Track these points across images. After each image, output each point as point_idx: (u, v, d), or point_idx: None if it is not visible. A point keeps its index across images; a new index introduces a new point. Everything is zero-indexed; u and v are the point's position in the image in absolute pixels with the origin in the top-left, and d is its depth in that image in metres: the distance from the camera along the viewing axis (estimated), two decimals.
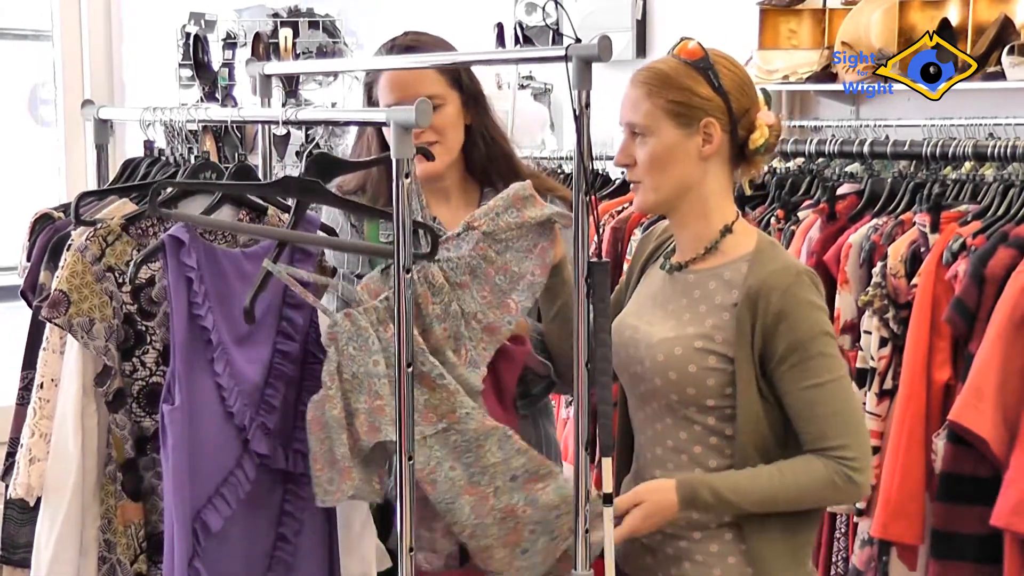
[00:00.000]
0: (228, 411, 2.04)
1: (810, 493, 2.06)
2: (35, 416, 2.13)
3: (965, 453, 2.75)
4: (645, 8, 4.55)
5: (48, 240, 2.27)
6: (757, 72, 3.89)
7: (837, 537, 3.15)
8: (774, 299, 2.04)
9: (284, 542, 2.15)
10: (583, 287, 1.90)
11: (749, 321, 2.06)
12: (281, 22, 4.82)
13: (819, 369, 2.05)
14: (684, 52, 2.12)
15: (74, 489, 2.07)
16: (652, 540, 2.16)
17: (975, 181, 3.06)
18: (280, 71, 3.50)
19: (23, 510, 2.25)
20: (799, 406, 2.06)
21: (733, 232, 2.15)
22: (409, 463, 1.89)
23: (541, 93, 4.79)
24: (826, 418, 2.05)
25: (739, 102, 2.11)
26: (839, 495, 2.07)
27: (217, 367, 2.03)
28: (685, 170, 2.11)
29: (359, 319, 1.97)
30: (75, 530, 2.08)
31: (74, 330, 2.04)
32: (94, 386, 2.08)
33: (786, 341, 2.04)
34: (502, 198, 2.13)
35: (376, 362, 1.97)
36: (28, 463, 2.11)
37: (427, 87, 2.40)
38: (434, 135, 2.41)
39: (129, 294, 2.08)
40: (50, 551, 2.08)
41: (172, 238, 2.01)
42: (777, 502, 2.06)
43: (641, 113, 2.10)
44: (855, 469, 2.04)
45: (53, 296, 2.03)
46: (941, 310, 2.84)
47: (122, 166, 2.51)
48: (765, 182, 3.50)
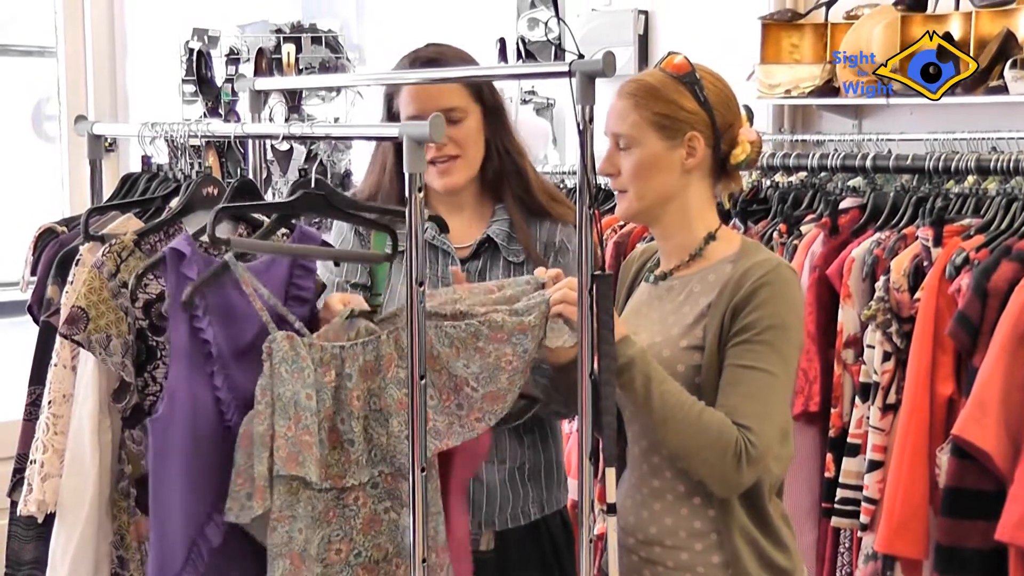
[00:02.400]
0: (227, 425, 2.04)
1: (708, 436, 2.00)
2: (47, 432, 2.12)
3: (969, 467, 2.74)
4: (647, 23, 4.55)
5: (54, 254, 2.27)
6: (759, 86, 3.90)
7: (841, 552, 3.15)
8: (750, 282, 2.06)
9: None
10: (587, 299, 1.91)
11: (725, 303, 2.07)
12: (284, 38, 4.83)
13: (759, 355, 2.04)
14: (671, 66, 2.15)
15: (91, 505, 2.07)
16: (651, 552, 2.15)
17: (978, 195, 3.06)
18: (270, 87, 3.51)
19: (28, 527, 2.24)
20: (726, 379, 2.05)
21: (717, 239, 2.17)
22: (422, 474, 1.88)
23: (544, 108, 4.80)
24: (744, 397, 2.03)
25: (723, 117, 2.14)
26: (724, 463, 2.00)
27: (216, 380, 2.02)
28: (668, 181, 2.13)
29: (299, 346, 1.95)
30: (91, 547, 2.08)
31: (92, 347, 2.03)
32: (111, 402, 2.08)
33: (746, 320, 2.05)
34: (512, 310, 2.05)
35: (309, 396, 1.94)
36: (42, 480, 2.10)
37: (450, 100, 2.39)
38: (455, 148, 2.40)
39: (141, 309, 2.08)
40: (66, 568, 2.08)
41: (173, 251, 2.01)
42: (678, 421, 2.00)
43: (627, 124, 2.12)
44: (750, 455, 2.00)
45: (71, 313, 2.03)
46: (944, 324, 2.84)
47: (120, 181, 2.52)
48: (768, 196, 3.51)
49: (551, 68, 2.10)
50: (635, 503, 2.18)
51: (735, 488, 2.05)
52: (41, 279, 2.30)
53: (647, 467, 2.17)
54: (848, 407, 3.08)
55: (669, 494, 2.14)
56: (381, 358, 2.00)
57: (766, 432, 2.03)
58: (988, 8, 3.45)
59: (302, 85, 4.55)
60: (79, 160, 4.60)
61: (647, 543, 2.16)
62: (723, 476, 2.02)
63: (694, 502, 2.12)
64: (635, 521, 2.18)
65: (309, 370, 1.95)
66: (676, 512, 2.13)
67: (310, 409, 1.94)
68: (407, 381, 1.92)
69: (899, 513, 2.86)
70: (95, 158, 2.59)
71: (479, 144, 2.45)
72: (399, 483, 2.02)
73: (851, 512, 3.04)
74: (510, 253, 2.45)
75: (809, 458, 3.18)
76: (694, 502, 2.12)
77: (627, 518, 2.18)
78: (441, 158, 2.40)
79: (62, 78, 4.48)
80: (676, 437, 2.03)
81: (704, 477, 2.05)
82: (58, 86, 4.50)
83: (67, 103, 4.47)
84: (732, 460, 2.00)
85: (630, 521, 2.18)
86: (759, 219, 3.47)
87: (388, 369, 1.99)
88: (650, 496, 2.16)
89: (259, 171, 2.66)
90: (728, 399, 2.04)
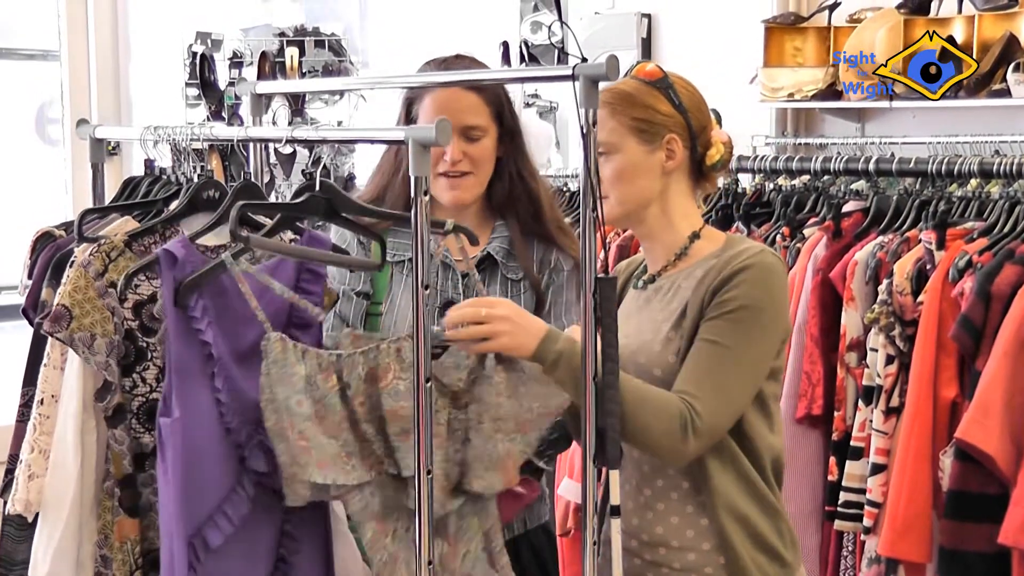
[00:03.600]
0: (227, 427, 2.03)
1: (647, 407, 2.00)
2: (35, 432, 2.13)
3: (972, 470, 2.74)
4: (650, 26, 4.56)
5: (50, 258, 2.28)
6: (762, 90, 3.90)
7: (844, 555, 3.14)
8: (731, 266, 2.08)
9: (283, 563, 2.14)
10: (590, 302, 1.92)
11: (706, 287, 2.09)
12: (287, 41, 4.84)
13: (722, 331, 2.05)
14: (643, 73, 2.19)
15: (72, 505, 2.07)
16: (656, 554, 2.15)
17: (981, 198, 3.06)
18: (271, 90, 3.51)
19: (21, 527, 2.25)
20: (688, 354, 2.06)
21: (701, 238, 2.20)
22: (428, 477, 1.89)
23: (547, 111, 4.80)
24: (695, 369, 2.04)
25: (697, 119, 2.18)
26: (670, 436, 2.00)
27: (217, 382, 2.02)
28: (648, 184, 2.16)
29: (290, 351, 1.95)
30: (72, 546, 2.08)
31: (75, 345, 2.04)
32: (94, 401, 2.08)
33: (720, 299, 2.06)
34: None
35: (300, 402, 1.94)
36: (27, 479, 2.11)
37: (473, 118, 2.41)
38: (470, 165, 2.42)
39: (131, 310, 2.08)
40: (47, 567, 2.08)
41: (166, 252, 2.01)
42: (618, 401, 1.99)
43: (605, 131, 2.15)
44: (695, 425, 2.01)
45: (55, 311, 2.03)
46: (947, 327, 2.84)
47: (123, 184, 2.52)
48: (771, 200, 3.51)
49: (555, 72, 2.10)
50: (637, 505, 2.18)
51: (684, 456, 2.04)
52: (36, 282, 2.30)
53: (648, 468, 2.17)
54: (851, 410, 3.08)
55: (674, 492, 2.14)
56: (379, 367, 1.99)
57: (711, 404, 2.02)
58: (991, 11, 3.46)
59: (304, 88, 4.55)
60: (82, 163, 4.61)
61: (652, 545, 2.16)
62: (671, 446, 2.02)
63: (699, 499, 2.12)
64: (639, 523, 2.18)
65: (299, 376, 1.95)
66: (682, 510, 2.14)
67: (302, 415, 1.94)
68: (412, 387, 1.91)
69: (902, 516, 2.86)
70: (97, 161, 2.59)
71: (491, 163, 2.46)
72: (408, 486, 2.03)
73: (854, 515, 3.03)
74: (508, 270, 2.46)
75: (812, 461, 3.18)
76: (699, 499, 2.12)
77: (629, 520, 2.18)
78: (454, 172, 2.41)
79: (65, 81, 4.49)
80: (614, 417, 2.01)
81: (651, 449, 2.07)
82: (61, 89, 4.51)
83: (70, 106, 4.47)
84: (679, 430, 2.00)
85: (633, 523, 2.18)
86: (762, 222, 3.47)
87: (383, 378, 1.99)
88: (653, 497, 2.16)
89: (261, 174, 2.66)
90: (685, 372, 2.06)
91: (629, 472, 2.21)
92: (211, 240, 2.15)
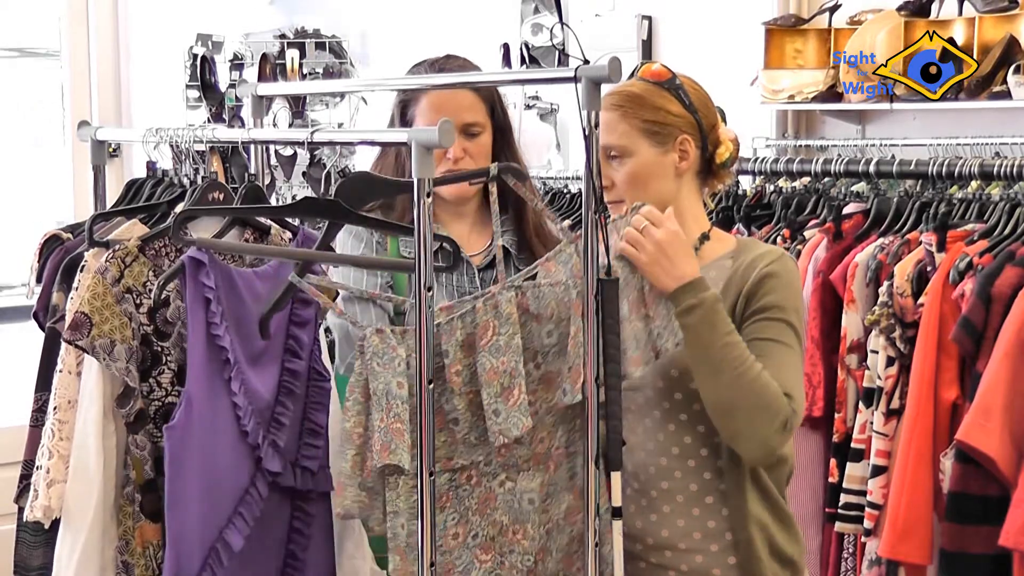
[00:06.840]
0: (243, 430, 2.04)
1: (764, 398, 1.99)
2: (53, 438, 2.13)
3: (973, 472, 2.74)
4: (651, 28, 4.55)
5: (59, 261, 2.28)
6: (763, 92, 3.90)
7: (845, 557, 3.14)
8: (758, 269, 2.09)
9: (293, 559, 2.16)
10: (592, 304, 1.92)
11: (736, 291, 2.09)
12: (288, 43, 4.85)
13: (782, 332, 2.07)
14: (650, 74, 2.18)
15: (96, 510, 2.08)
16: (662, 558, 2.15)
17: (981, 200, 3.06)
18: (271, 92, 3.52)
19: (36, 532, 2.25)
20: (754, 352, 2.03)
21: (710, 239, 2.20)
22: (431, 479, 1.88)
23: (547, 113, 4.80)
24: (780, 367, 2.04)
25: (707, 118, 2.18)
26: (772, 428, 2.00)
27: (234, 386, 2.03)
28: (663, 186, 2.16)
29: (389, 337, 1.94)
30: (96, 551, 2.09)
31: (96, 352, 2.04)
32: (115, 407, 2.09)
33: (761, 302, 2.07)
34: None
35: (400, 384, 1.93)
36: (47, 485, 2.11)
37: (471, 115, 2.46)
38: (471, 162, 2.46)
39: (145, 315, 2.08)
40: (71, 573, 2.08)
41: (192, 259, 2.02)
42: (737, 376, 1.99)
43: (617, 135, 2.14)
44: (791, 425, 2.02)
45: (75, 318, 2.04)
46: (948, 329, 2.84)
47: (125, 186, 2.52)
48: (771, 202, 3.51)
49: (557, 73, 2.10)
50: (640, 507, 2.18)
51: (771, 454, 2.06)
52: (46, 286, 2.30)
53: (654, 469, 2.16)
54: (852, 412, 3.08)
55: (680, 495, 2.14)
56: (476, 326, 1.97)
57: (801, 404, 2.05)
58: (991, 13, 3.45)
59: (305, 90, 4.56)
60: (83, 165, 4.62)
61: (656, 548, 2.16)
62: (765, 439, 2.02)
63: (706, 501, 2.12)
64: (642, 526, 2.17)
65: (400, 359, 1.93)
66: (688, 513, 2.13)
67: (401, 397, 1.92)
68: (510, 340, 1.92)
69: (903, 518, 2.86)
70: (98, 163, 2.59)
71: (489, 158, 2.50)
72: (511, 450, 2.02)
73: (855, 517, 3.03)
74: (520, 261, 2.49)
75: (812, 463, 3.18)
76: (706, 501, 2.12)
77: (632, 523, 2.17)
78: (457, 169, 2.44)
79: (66, 83, 4.50)
80: (727, 391, 2.00)
81: (743, 438, 2.03)
82: (62, 91, 4.52)
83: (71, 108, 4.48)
84: (780, 426, 2.01)
85: (636, 526, 2.18)
86: (763, 224, 3.47)
87: (483, 336, 1.96)
88: (658, 499, 2.16)
89: (262, 176, 2.67)
90: (766, 369, 2.03)
91: (632, 474, 2.21)
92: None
